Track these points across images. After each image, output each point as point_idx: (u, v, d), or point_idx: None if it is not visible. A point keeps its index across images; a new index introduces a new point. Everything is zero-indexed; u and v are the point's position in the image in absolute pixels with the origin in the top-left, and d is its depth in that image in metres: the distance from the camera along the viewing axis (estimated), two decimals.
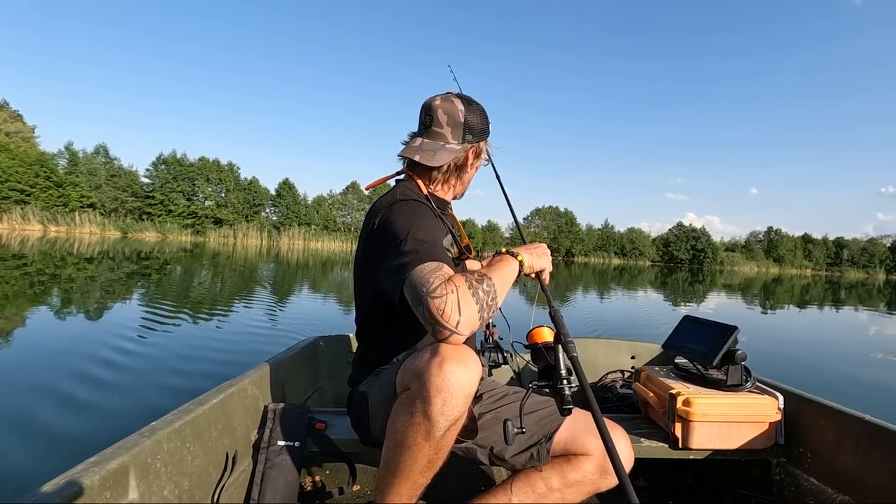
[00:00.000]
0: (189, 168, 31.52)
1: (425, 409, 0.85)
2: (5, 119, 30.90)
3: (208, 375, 2.69)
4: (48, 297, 5.53)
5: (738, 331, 1.41)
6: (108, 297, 5.76)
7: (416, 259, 0.91)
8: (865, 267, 52.40)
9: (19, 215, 24.69)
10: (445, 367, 0.84)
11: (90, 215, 27.10)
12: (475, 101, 1.18)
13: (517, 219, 1.39)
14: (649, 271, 28.18)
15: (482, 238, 39.84)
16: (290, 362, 1.55)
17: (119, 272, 8.73)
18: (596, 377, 1.92)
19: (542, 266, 1.09)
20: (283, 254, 21.24)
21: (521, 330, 1.20)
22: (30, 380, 2.53)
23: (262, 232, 32.63)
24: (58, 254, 11.79)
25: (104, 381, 2.55)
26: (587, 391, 0.68)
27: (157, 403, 2.25)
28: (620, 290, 12.19)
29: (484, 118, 1.18)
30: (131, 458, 0.83)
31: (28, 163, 26.01)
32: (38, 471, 1.60)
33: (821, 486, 1.27)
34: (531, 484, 1.06)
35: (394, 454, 0.91)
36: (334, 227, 36.64)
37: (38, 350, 3.18)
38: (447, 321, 0.82)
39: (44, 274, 7.73)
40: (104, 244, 17.76)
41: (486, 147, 1.23)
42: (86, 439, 1.86)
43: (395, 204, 1.07)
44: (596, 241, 46.41)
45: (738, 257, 49.96)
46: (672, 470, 1.59)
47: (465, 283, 0.86)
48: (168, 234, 29.07)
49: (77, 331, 3.93)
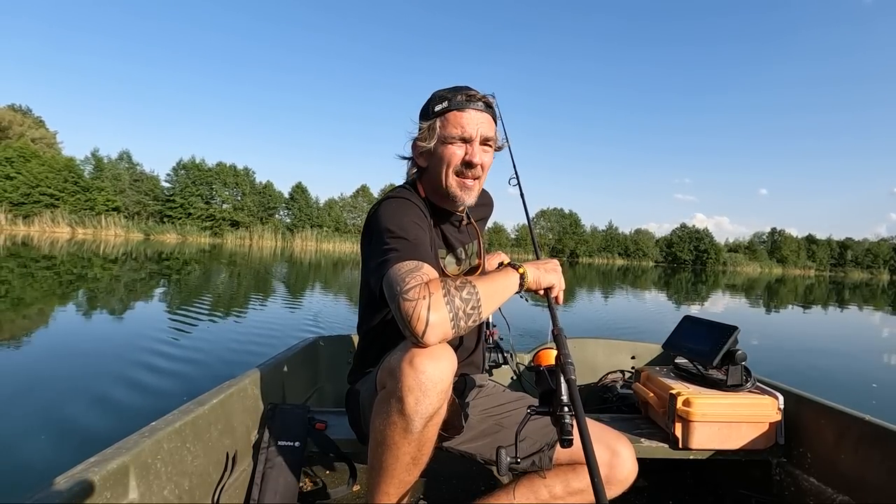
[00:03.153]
0: (207, 173, 32.00)
1: (400, 408, 0.82)
2: (29, 126, 31.58)
3: (209, 375, 2.68)
4: (70, 296, 5.61)
5: (738, 331, 1.38)
6: (126, 297, 5.83)
7: (396, 257, 0.88)
8: (869, 267, 51.43)
9: (49, 218, 25.22)
10: (416, 363, 0.80)
11: (115, 218, 27.61)
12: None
13: (535, 239, 1.26)
14: (652, 272, 27.90)
15: (487, 239, 39.67)
16: (290, 362, 1.53)
17: (140, 273, 8.86)
18: (596, 377, 1.88)
19: (551, 283, 0.99)
20: (297, 255, 21.40)
21: (522, 331, 1.16)
22: (31, 379, 2.53)
23: (276, 234, 33.03)
24: (85, 255, 12.00)
25: (105, 380, 2.54)
26: (579, 416, 0.64)
27: (157, 403, 2.23)
28: (623, 290, 12.07)
29: (423, 107, 1.09)
30: (131, 458, 0.81)
31: (57, 169, 26.58)
32: (37, 470, 1.59)
33: (821, 486, 1.24)
34: (534, 490, 1.03)
35: (377, 453, 0.89)
36: (345, 228, 36.91)
37: (50, 348, 3.20)
38: (414, 327, 0.79)
39: (71, 274, 7.87)
40: (128, 246, 18.04)
41: (430, 125, 1.05)
42: (86, 439, 1.85)
43: (383, 201, 1.05)
44: (600, 242, 46.08)
45: (741, 258, 49.32)
46: (672, 470, 1.55)
47: (440, 290, 0.81)
48: (188, 235, 29.47)
49: (89, 329, 3.96)
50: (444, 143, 1.05)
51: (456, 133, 1.03)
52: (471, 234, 1.24)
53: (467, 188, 1.07)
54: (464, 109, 1.03)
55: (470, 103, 1.04)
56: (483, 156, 1.06)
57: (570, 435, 0.72)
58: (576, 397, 0.69)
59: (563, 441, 0.72)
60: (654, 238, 49.25)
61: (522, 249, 39.94)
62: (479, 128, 1.04)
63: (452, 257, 1.17)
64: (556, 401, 0.76)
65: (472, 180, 1.07)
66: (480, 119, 1.05)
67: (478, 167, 1.06)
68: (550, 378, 0.79)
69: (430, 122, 1.06)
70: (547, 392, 0.79)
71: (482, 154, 1.06)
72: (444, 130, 1.04)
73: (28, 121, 32.05)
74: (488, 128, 1.06)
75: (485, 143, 1.07)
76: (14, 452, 1.73)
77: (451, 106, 1.03)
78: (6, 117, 30.85)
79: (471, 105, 1.04)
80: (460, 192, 1.07)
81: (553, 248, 44.24)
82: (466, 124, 1.03)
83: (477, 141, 1.04)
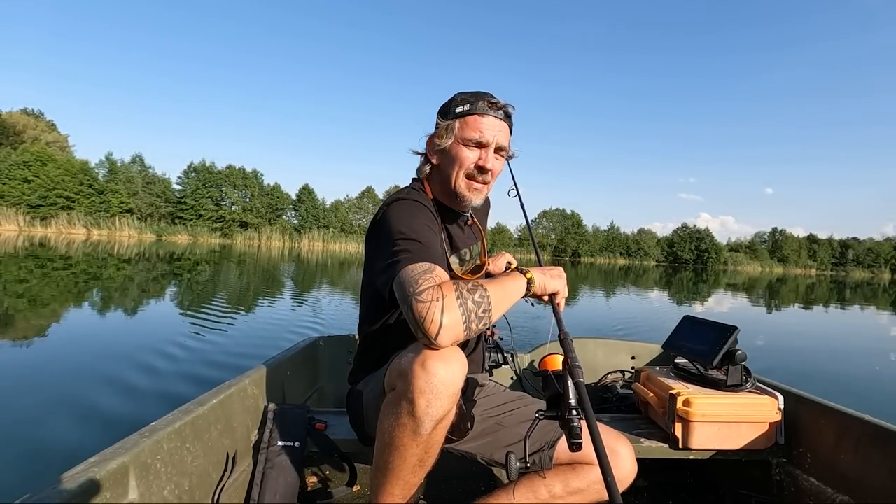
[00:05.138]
0: (217, 175, 32.22)
1: (410, 410, 0.81)
2: (42, 129, 31.92)
3: (209, 375, 2.66)
4: (84, 296, 5.66)
5: (738, 331, 1.36)
6: (136, 297, 5.87)
7: (408, 258, 0.87)
8: (871, 267, 50.79)
9: (65, 220, 25.53)
10: (429, 366, 0.80)
11: (128, 220, 27.91)
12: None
13: (536, 246, 1.26)
14: (654, 271, 27.71)
15: (490, 240, 39.65)
16: (290, 362, 1.52)
17: (152, 272, 8.91)
18: (596, 377, 1.86)
19: (556, 288, 0.99)
20: (304, 255, 21.46)
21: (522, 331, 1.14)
22: (33, 376, 2.53)
23: (284, 234, 33.22)
24: (100, 255, 12.11)
25: (105, 380, 2.53)
26: (590, 419, 0.63)
27: (157, 403, 2.22)
28: (624, 289, 11.99)
29: (444, 106, 1.09)
30: (131, 458, 0.80)
31: (73, 172, 26.90)
32: (35, 471, 1.58)
33: (821, 486, 1.22)
34: (534, 489, 1.02)
35: (383, 454, 0.88)
36: (351, 229, 37.03)
37: (59, 346, 3.21)
38: (427, 328, 0.78)
39: (86, 274, 7.94)
40: (141, 246, 18.18)
41: (448, 125, 1.06)
42: (85, 439, 1.83)
43: (393, 203, 1.04)
44: (602, 241, 45.89)
45: (742, 257, 48.92)
46: (672, 470, 1.53)
47: (453, 292, 0.81)
48: (198, 236, 29.66)
49: (98, 328, 3.97)
50: (459, 144, 1.05)
51: (474, 136, 1.04)
52: (475, 234, 1.23)
53: (476, 190, 1.08)
54: (485, 115, 1.04)
55: (491, 110, 1.05)
56: (495, 163, 1.07)
57: (580, 439, 0.71)
58: (585, 401, 0.69)
59: (572, 444, 0.72)
60: (657, 238, 48.96)
61: (525, 249, 39.87)
62: (497, 135, 1.05)
63: (456, 258, 1.16)
64: (564, 404, 0.75)
65: (482, 184, 1.07)
66: (499, 127, 1.06)
67: (489, 173, 1.07)
68: (558, 382, 0.79)
69: (449, 122, 1.06)
70: (555, 396, 0.79)
71: (495, 161, 1.07)
72: (462, 132, 1.05)
73: (41, 124, 32.40)
74: (504, 137, 1.07)
75: (498, 151, 1.07)
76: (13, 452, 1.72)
77: (473, 110, 1.04)
78: (20, 121, 31.25)
79: (492, 112, 1.05)
80: (468, 194, 1.08)
81: (555, 248, 44.14)
82: (485, 130, 1.04)
83: (492, 147, 1.05)
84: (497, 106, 1.06)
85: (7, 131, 29.74)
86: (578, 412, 0.72)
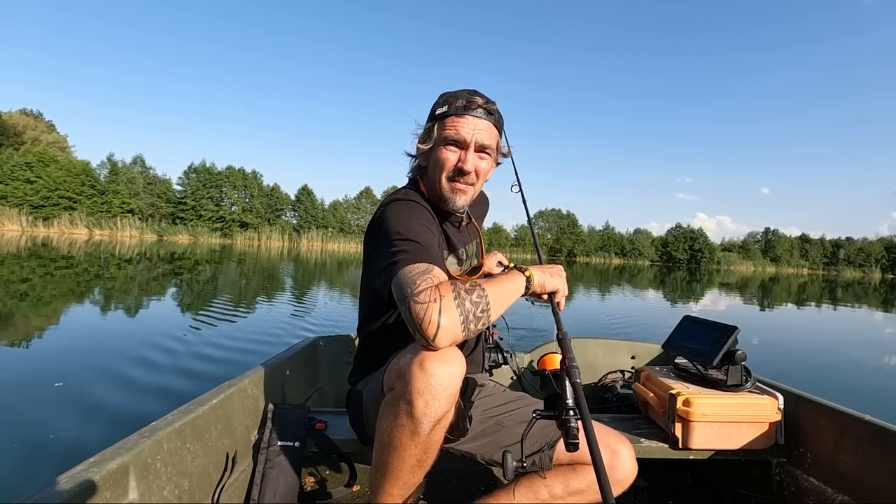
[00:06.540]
0: (217, 176, 32.21)
1: (409, 410, 0.79)
2: (42, 130, 31.76)
3: (209, 375, 2.63)
4: (85, 295, 5.62)
5: (738, 331, 1.34)
6: (137, 296, 5.83)
7: (406, 259, 0.86)
8: (861, 266, 51.04)
9: (68, 220, 25.45)
10: (427, 366, 0.78)
11: (130, 220, 27.86)
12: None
13: (537, 243, 1.22)
14: (648, 270, 27.77)
15: (487, 239, 39.69)
16: (290, 362, 1.50)
17: (153, 272, 8.88)
18: (596, 377, 1.84)
19: (555, 287, 0.96)
20: (303, 255, 21.42)
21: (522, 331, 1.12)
22: (34, 375, 2.50)
23: (283, 234, 33.21)
24: (101, 255, 12.05)
25: (106, 379, 2.50)
26: (586, 420, 0.62)
27: (157, 403, 2.19)
28: (620, 289, 12.00)
29: (434, 104, 1.06)
30: (131, 458, 0.79)
31: (75, 173, 26.82)
32: (33, 470, 1.56)
33: (821, 486, 1.21)
34: (534, 490, 1.00)
35: (382, 455, 0.86)
36: (349, 229, 37.02)
37: (58, 345, 3.18)
38: (425, 330, 0.77)
39: (88, 273, 7.90)
40: (142, 246, 18.12)
41: (430, 127, 1.04)
42: (85, 438, 1.81)
43: (391, 203, 1.02)
44: (597, 241, 46.00)
45: (735, 257, 49.14)
46: (672, 470, 1.52)
47: (451, 292, 0.79)
48: (199, 237, 29.61)
49: (98, 327, 3.94)
50: (440, 146, 1.03)
51: (451, 137, 1.01)
52: (471, 234, 1.21)
53: (459, 192, 1.04)
54: (462, 115, 1.01)
55: (468, 110, 1.01)
56: (478, 162, 1.03)
57: (576, 439, 0.70)
58: (581, 401, 0.68)
59: (568, 445, 0.70)
60: (652, 238, 49.11)
61: (522, 249, 39.90)
62: (476, 135, 1.01)
63: (454, 258, 1.14)
64: (561, 404, 0.74)
65: (465, 185, 1.04)
66: (478, 126, 1.02)
67: (471, 174, 1.03)
68: (555, 382, 0.77)
69: (430, 125, 1.04)
70: (552, 396, 0.77)
71: (477, 161, 1.03)
72: (442, 134, 1.02)
73: (41, 125, 32.24)
74: (486, 135, 1.03)
75: (481, 151, 1.03)
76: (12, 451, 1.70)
77: (450, 111, 1.01)
78: (20, 122, 31.08)
79: (469, 111, 1.01)
80: (452, 196, 1.04)
81: (551, 248, 44.21)
82: (462, 129, 1.00)
83: (472, 148, 1.01)
84: (475, 104, 1.01)
85: (8, 132, 29.59)
86: (575, 412, 0.71)
